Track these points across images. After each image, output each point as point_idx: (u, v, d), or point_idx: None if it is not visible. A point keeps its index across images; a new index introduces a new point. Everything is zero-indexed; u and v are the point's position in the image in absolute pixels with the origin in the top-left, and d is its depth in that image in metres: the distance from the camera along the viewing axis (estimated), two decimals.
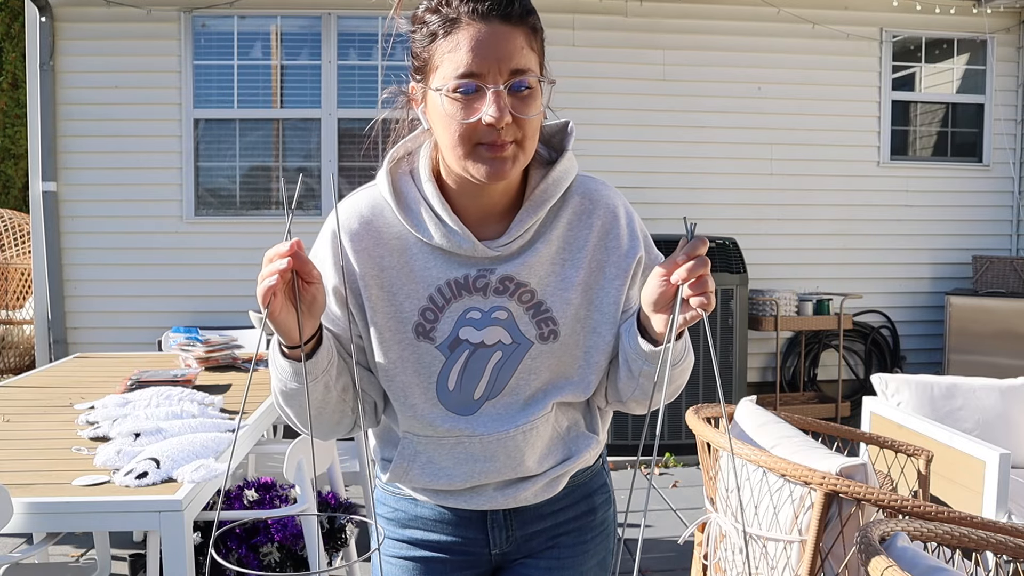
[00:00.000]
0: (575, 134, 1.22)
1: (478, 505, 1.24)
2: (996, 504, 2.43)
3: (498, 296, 1.16)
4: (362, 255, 1.15)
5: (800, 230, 5.80)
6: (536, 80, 1.07)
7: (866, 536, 1.38)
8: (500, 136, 1.05)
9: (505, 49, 1.04)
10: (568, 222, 1.19)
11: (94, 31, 5.29)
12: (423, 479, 1.23)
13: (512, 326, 1.16)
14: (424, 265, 1.15)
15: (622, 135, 5.52)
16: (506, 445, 1.19)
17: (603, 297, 1.19)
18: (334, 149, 5.44)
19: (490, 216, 1.17)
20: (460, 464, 1.21)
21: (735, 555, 2.11)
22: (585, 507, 1.31)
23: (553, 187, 1.17)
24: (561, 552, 1.30)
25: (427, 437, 1.20)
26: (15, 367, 6.26)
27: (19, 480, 1.89)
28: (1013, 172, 6.04)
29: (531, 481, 1.23)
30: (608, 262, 1.19)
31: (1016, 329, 5.34)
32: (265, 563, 2.77)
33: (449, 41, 1.05)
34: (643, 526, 2.19)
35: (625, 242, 1.20)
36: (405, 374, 1.17)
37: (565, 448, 1.25)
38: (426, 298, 1.15)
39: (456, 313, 1.15)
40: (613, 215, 1.20)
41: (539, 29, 1.10)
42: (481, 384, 1.18)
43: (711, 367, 4.70)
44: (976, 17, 5.87)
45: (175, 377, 2.84)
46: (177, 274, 5.37)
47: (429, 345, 1.16)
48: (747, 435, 2.22)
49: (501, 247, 1.15)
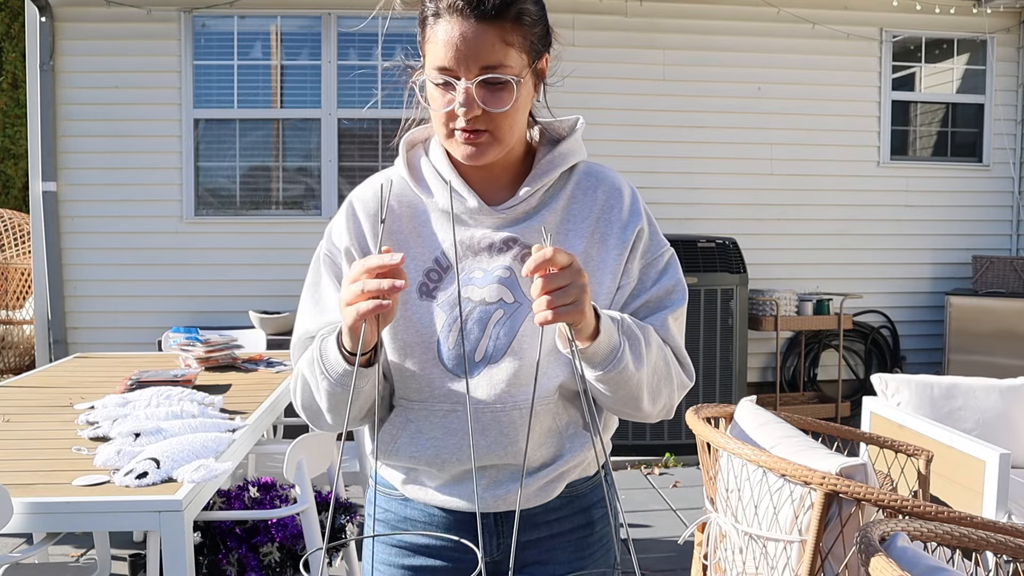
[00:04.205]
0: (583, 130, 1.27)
1: (468, 502, 1.20)
2: (996, 504, 2.42)
3: (501, 255, 1.19)
4: (374, 219, 1.21)
5: (800, 230, 5.80)
6: (511, 76, 1.10)
7: (866, 536, 1.38)
8: (472, 124, 1.11)
9: (475, 47, 1.08)
10: (572, 194, 1.23)
11: (94, 31, 5.29)
12: (410, 449, 1.20)
13: (514, 284, 1.18)
14: (432, 229, 1.21)
15: (622, 135, 5.52)
16: (500, 420, 1.17)
17: (603, 269, 1.20)
18: (334, 149, 5.44)
19: (497, 185, 1.22)
20: (449, 435, 1.18)
21: (735, 555, 2.11)
22: (583, 520, 1.27)
23: (559, 159, 1.22)
24: (557, 568, 1.26)
25: (420, 403, 1.19)
26: (15, 367, 6.26)
27: (19, 480, 1.89)
28: (1013, 172, 6.04)
29: (524, 481, 1.19)
30: (610, 234, 1.21)
31: (1016, 329, 5.34)
32: (265, 563, 2.77)
33: (433, 32, 1.11)
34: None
35: (626, 215, 1.22)
36: (407, 333, 1.18)
37: (559, 443, 1.21)
38: (432, 260, 1.20)
39: (460, 273, 1.19)
40: (618, 191, 1.24)
41: (525, 19, 1.11)
42: (482, 344, 1.18)
43: (711, 367, 4.70)
44: (976, 17, 5.87)
45: (175, 377, 2.84)
46: (177, 274, 5.37)
47: (431, 303, 1.19)
48: (747, 435, 2.22)
49: (507, 210, 1.19)
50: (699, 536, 2.40)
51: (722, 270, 4.70)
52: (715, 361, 4.69)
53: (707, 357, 4.67)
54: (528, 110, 1.20)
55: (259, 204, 5.55)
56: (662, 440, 4.60)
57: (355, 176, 5.48)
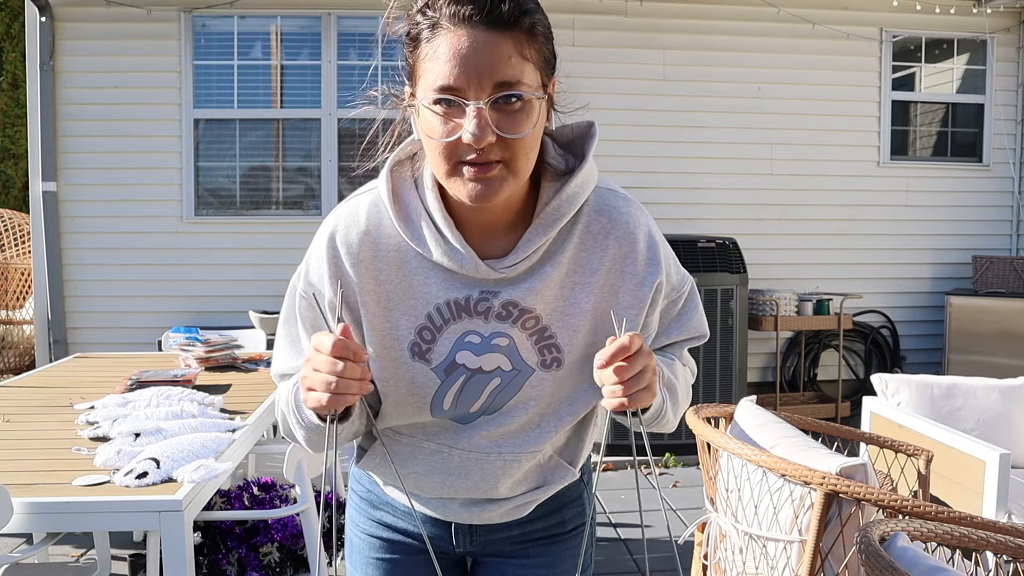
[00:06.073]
0: (598, 137, 1.10)
1: (442, 516, 1.23)
2: (996, 504, 2.42)
3: (500, 322, 1.07)
4: (359, 267, 1.07)
5: (800, 230, 5.80)
6: (531, 94, 0.95)
7: (866, 536, 1.38)
8: (484, 155, 0.94)
9: (488, 59, 0.92)
10: (581, 241, 1.08)
11: (94, 31, 5.29)
12: (391, 476, 1.22)
13: (513, 352, 1.09)
14: (423, 281, 1.07)
15: (622, 135, 5.52)
16: (483, 468, 1.15)
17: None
18: (334, 149, 5.44)
19: (495, 231, 1.07)
20: (432, 474, 1.17)
21: (735, 555, 2.11)
22: (555, 520, 1.27)
23: (567, 204, 1.05)
24: (531, 551, 1.27)
25: (409, 438, 1.17)
26: (15, 367, 6.26)
27: (19, 480, 1.89)
28: (1013, 172, 6.04)
29: (497, 504, 1.20)
30: (623, 288, 1.09)
31: (1016, 329, 5.34)
32: (265, 563, 2.77)
33: (430, 48, 0.95)
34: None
35: (642, 268, 1.09)
36: (398, 393, 1.11)
37: (541, 477, 1.21)
38: (424, 316, 1.07)
39: (454, 335, 1.08)
40: (632, 237, 1.09)
41: (538, 32, 0.97)
42: (478, 403, 1.13)
43: (711, 367, 4.70)
44: (976, 17, 5.87)
45: (175, 377, 2.84)
46: (177, 274, 5.37)
47: (424, 366, 1.09)
48: (747, 435, 2.22)
49: (506, 268, 1.05)
50: (699, 536, 2.40)
51: (722, 270, 4.70)
52: (715, 361, 4.69)
53: (707, 357, 4.67)
54: (540, 140, 1.03)
55: (259, 204, 5.55)
56: (662, 440, 4.60)
57: (355, 176, 5.48)
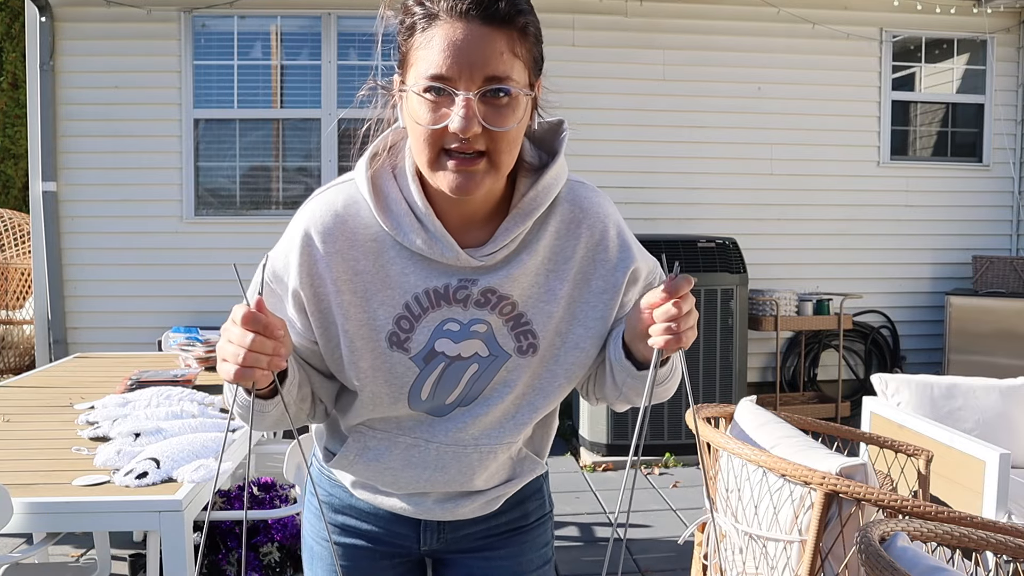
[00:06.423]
0: (568, 134, 1.14)
1: (415, 514, 1.24)
2: (996, 504, 2.42)
3: (479, 309, 1.10)
4: (335, 257, 1.07)
5: (800, 230, 5.80)
6: (519, 90, 0.99)
7: (866, 536, 1.38)
8: (468, 145, 0.98)
9: (480, 53, 0.96)
10: (555, 231, 1.13)
11: (94, 31, 5.29)
12: (366, 473, 1.21)
13: (491, 339, 1.12)
14: (401, 271, 1.08)
15: (622, 135, 5.52)
16: (460, 460, 1.17)
17: (588, 312, 1.14)
18: (334, 149, 5.45)
19: (473, 221, 1.10)
20: (409, 468, 1.18)
21: (735, 555, 2.11)
22: (518, 513, 1.30)
23: (542, 195, 1.10)
24: (495, 544, 1.29)
25: (383, 433, 1.18)
26: (15, 367, 6.26)
27: (19, 480, 1.89)
28: (1013, 172, 6.04)
29: (471, 498, 1.22)
30: (595, 275, 1.14)
31: (1016, 329, 5.34)
32: (265, 563, 2.77)
33: (425, 37, 0.98)
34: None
35: (614, 254, 1.14)
36: (376, 384, 1.11)
37: (512, 469, 1.25)
38: (402, 306, 1.08)
39: (433, 324, 1.09)
40: (603, 226, 1.14)
41: (531, 32, 1.01)
42: (455, 392, 1.14)
43: (711, 367, 4.70)
44: (976, 17, 5.87)
45: (175, 377, 2.84)
46: (177, 274, 5.37)
47: (403, 356, 1.10)
48: (747, 435, 2.22)
49: (485, 256, 1.08)
50: (699, 536, 2.40)
51: (722, 270, 4.70)
52: (715, 361, 4.69)
53: (707, 357, 4.66)
54: (522, 137, 1.08)
55: (259, 204, 5.55)
56: (662, 440, 4.60)
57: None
